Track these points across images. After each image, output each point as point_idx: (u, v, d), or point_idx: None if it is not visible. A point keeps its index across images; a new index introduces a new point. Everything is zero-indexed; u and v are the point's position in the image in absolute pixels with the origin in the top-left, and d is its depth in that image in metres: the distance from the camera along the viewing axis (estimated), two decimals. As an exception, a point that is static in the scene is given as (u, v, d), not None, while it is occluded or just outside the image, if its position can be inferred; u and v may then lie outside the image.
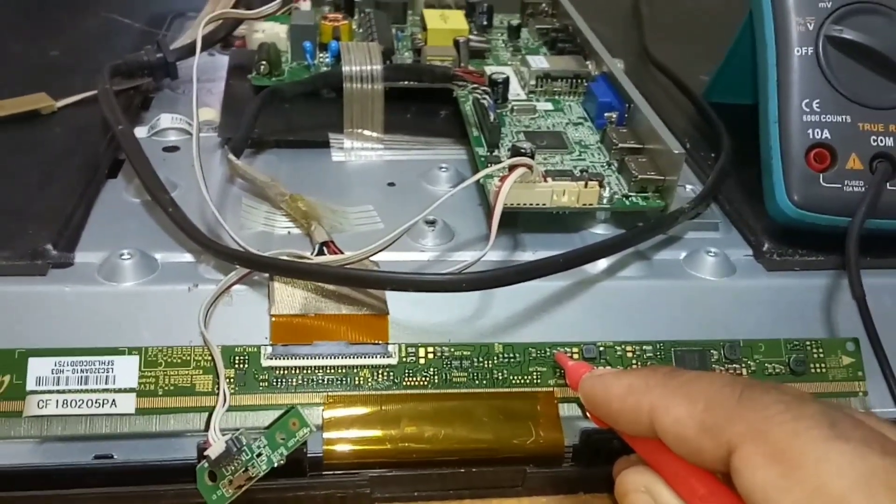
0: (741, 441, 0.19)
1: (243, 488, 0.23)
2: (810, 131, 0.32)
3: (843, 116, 0.32)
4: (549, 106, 0.39)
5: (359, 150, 0.37)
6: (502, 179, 0.30)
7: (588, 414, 0.25)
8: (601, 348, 0.29)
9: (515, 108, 0.38)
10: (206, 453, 0.23)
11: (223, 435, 0.23)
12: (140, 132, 0.37)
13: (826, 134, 0.31)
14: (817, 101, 0.32)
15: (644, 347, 0.29)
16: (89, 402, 0.25)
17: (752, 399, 0.19)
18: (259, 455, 0.23)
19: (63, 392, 0.25)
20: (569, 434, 0.27)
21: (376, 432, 0.26)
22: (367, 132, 0.37)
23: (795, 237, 0.32)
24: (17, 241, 0.28)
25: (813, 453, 0.17)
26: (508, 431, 0.27)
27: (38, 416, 0.25)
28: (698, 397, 0.20)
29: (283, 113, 0.38)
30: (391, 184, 0.35)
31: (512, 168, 0.30)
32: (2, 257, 0.27)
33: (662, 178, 0.32)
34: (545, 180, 0.31)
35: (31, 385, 0.25)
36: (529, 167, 0.30)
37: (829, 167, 0.31)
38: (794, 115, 0.32)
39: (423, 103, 0.40)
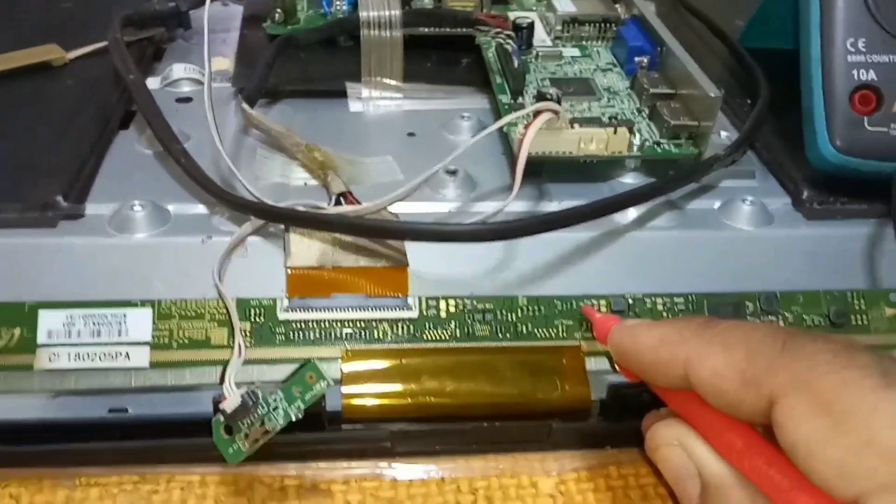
0: (785, 392, 0.17)
1: (259, 442, 0.22)
2: (855, 72, 0.30)
3: (891, 56, 0.30)
4: (576, 52, 0.37)
5: (377, 100, 0.36)
6: (527, 126, 0.28)
7: (617, 367, 0.24)
8: (630, 301, 0.27)
9: (541, 54, 0.37)
10: (221, 407, 0.22)
11: (238, 388, 0.22)
12: (152, 83, 0.36)
13: (872, 75, 0.30)
14: (863, 40, 0.30)
15: (675, 300, 0.28)
16: (102, 356, 0.24)
17: (796, 348, 0.18)
18: (275, 409, 0.22)
19: (75, 345, 0.24)
20: (596, 388, 0.26)
21: (396, 386, 0.26)
22: (385, 80, 0.36)
23: (837, 185, 0.30)
24: (26, 192, 0.27)
25: (863, 404, 0.16)
26: (533, 385, 0.26)
27: (49, 369, 0.24)
28: (737, 347, 0.19)
29: (298, 62, 0.37)
30: (411, 134, 0.34)
31: (537, 114, 0.29)
32: (11, 209, 0.26)
33: (697, 123, 0.30)
34: (572, 127, 0.30)
35: (41, 338, 0.24)
36: (555, 112, 0.28)
37: (875, 110, 0.29)
38: (838, 56, 0.30)
39: (444, 51, 0.38)
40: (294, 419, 0.22)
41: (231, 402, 0.22)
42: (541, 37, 0.38)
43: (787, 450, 0.17)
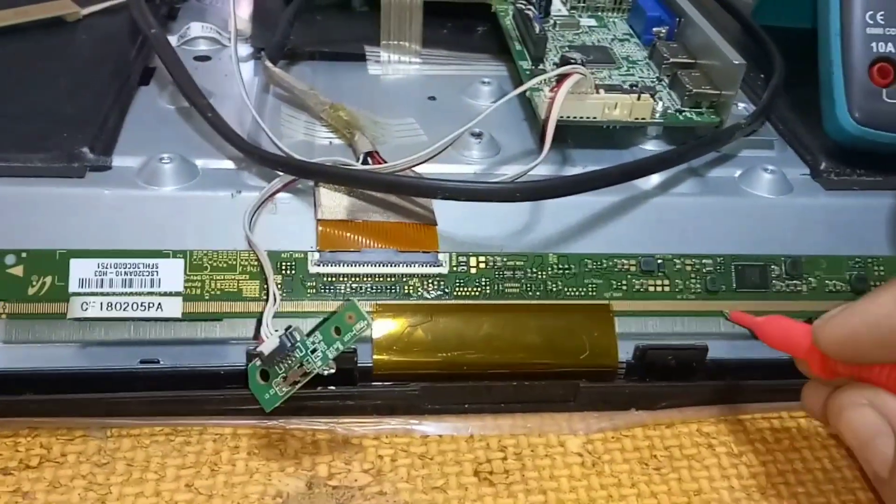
0: None
1: (297, 385, 0.22)
2: (874, 44, 0.30)
3: (909, 29, 0.30)
4: (593, 22, 0.37)
5: (396, 64, 0.36)
6: (554, 89, 0.28)
7: (813, 369, 0.22)
8: (659, 261, 0.28)
9: (558, 22, 0.37)
10: (258, 350, 0.22)
11: (276, 331, 0.22)
12: (169, 42, 0.35)
13: (891, 47, 0.30)
14: (882, 12, 0.30)
15: (704, 261, 0.28)
16: (135, 305, 0.24)
17: None
18: (314, 351, 0.22)
19: (107, 294, 0.24)
20: (623, 349, 0.27)
21: (427, 343, 0.26)
22: (405, 44, 0.36)
23: (853, 157, 0.31)
24: (51, 143, 0.27)
25: None
26: (562, 344, 0.26)
27: (81, 318, 0.24)
28: None
29: (315, 24, 0.37)
30: (432, 97, 0.34)
31: (561, 78, 0.29)
32: (37, 159, 0.26)
33: (718, 92, 0.31)
34: (597, 92, 0.30)
35: (73, 287, 0.24)
36: (583, 74, 0.28)
37: (893, 82, 0.30)
38: (857, 28, 0.30)
39: (460, 19, 0.38)
40: (333, 360, 0.22)
41: (269, 344, 0.22)
42: (557, 6, 0.38)
43: None
